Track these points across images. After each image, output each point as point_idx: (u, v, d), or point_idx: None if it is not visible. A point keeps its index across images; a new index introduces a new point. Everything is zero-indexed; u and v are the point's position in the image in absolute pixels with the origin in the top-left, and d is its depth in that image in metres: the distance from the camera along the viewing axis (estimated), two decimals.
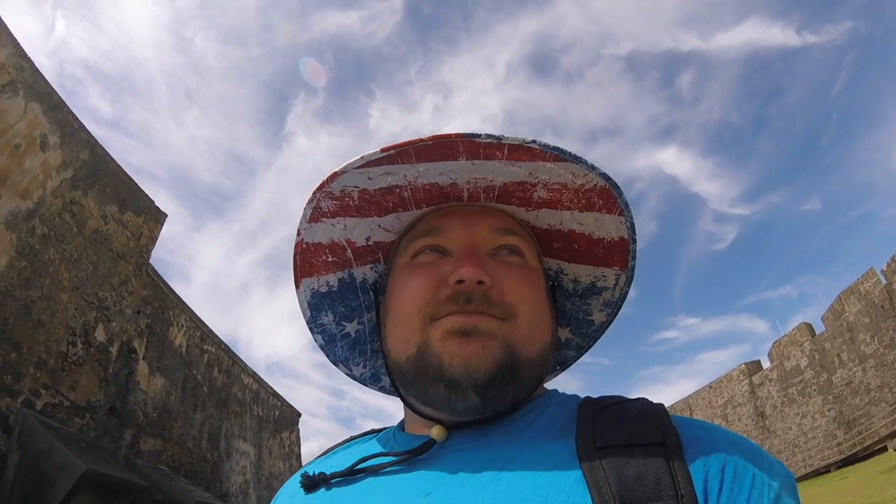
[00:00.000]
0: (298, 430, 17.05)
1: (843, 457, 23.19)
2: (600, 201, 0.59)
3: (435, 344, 0.55)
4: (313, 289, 0.70)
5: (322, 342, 0.74)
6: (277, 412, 15.62)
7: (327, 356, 0.75)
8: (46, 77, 7.22)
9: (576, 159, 0.54)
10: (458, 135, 0.52)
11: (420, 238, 0.62)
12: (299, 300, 0.71)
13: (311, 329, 0.73)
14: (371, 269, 0.70)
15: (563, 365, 0.74)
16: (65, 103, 7.63)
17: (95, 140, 8.41)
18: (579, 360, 0.76)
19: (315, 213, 0.63)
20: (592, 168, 0.55)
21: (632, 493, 0.43)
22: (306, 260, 0.68)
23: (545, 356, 0.59)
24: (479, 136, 0.52)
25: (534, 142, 0.52)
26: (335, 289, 0.70)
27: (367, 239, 0.67)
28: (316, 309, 0.72)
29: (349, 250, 0.68)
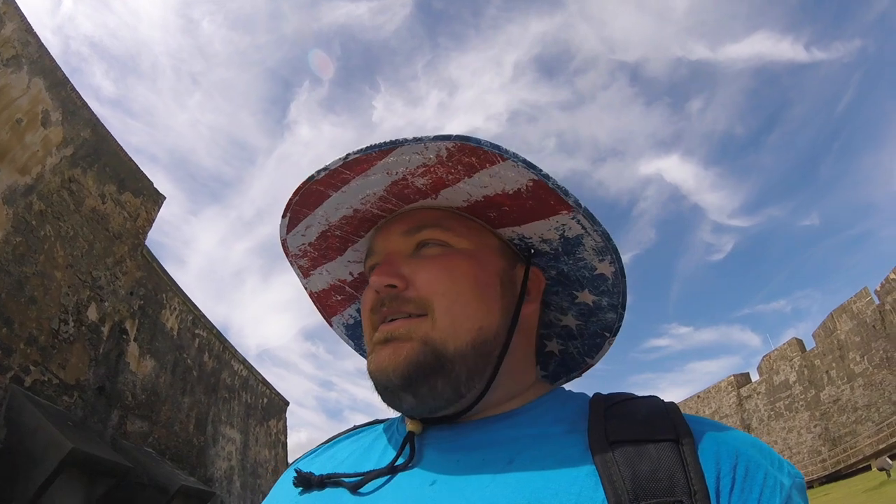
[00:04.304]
0: (286, 419, 17.06)
1: (826, 473, 23.37)
2: (472, 159, 0.55)
3: (369, 354, 0.59)
4: (343, 323, 0.79)
5: None
6: (266, 400, 15.62)
7: None
8: (51, 53, 7.18)
9: (394, 143, 0.53)
10: (304, 182, 0.59)
11: (367, 260, 0.66)
12: (339, 334, 0.79)
13: (362, 355, 0.78)
14: None
15: (611, 331, 0.70)
16: (68, 80, 7.58)
17: (97, 119, 8.37)
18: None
19: (301, 271, 0.71)
20: (419, 140, 0.53)
21: (645, 487, 0.43)
22: (324, 304, 0.76)
23: (482, 343, 0.56)
24: (313, 177, 0.58)
25: (348, 154, 0.55)
26: (358, 318, 0.77)
27: (351, 274, 0.73)
28: (355, 338, 0.79)
29: (346, 287, 0.75)
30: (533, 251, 0.65)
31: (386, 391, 0.56)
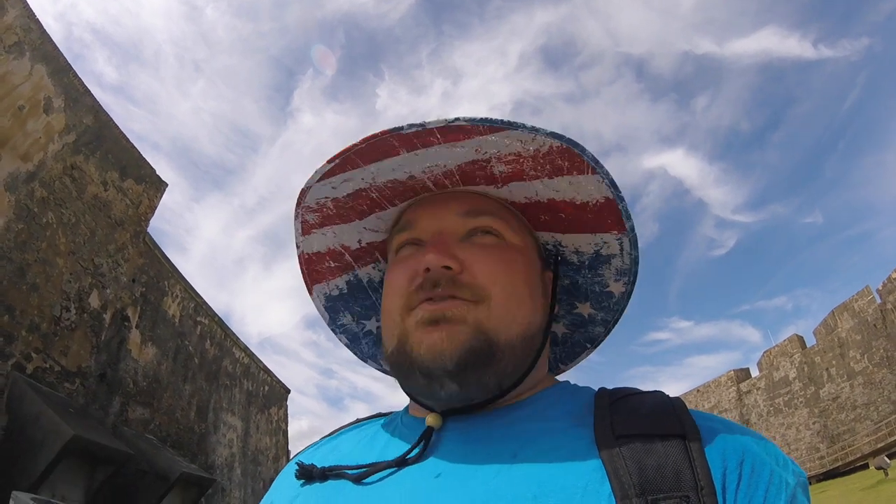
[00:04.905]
0: (287, 406, 17.17)
1: (824, 470, 23.47)
2: (566, 163, 0.55)
3: (410, 334, 0.55)
4: (325, 293, 0.74)
5: (347, 341, 0.77)
6: (267, 388, 15.71)
7: (354, 354, 0.78)
8: (54, 39, 7.14)
9: (509, 125, 0.51)
10: (383, 132, 0.52)
11: (399, 233, 0.63)
12: (316, 306, 0.74)
13: (333, 331, 0.76)
14: (373, 268, 0.72)
15: (594, 343, 0.72)
16: (71, 67, 7.55)
17: (100, 105, 8.34)
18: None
19: (304, 226, 0.66)
20: (535, 130, 0.52)
21: (651, 482, 0.43)
22: (311, 269, 0.71)
23: (529, 337, 0.57)
24: (402, 128, 0.52)
25: (457, 119, 0.51)
26: (345, 291, 0.74)
27: (359, 242, 0.69)
28: (333, 311, 0.75)
29: (346, 254, 0.70)
30: (559, 258, 0.66)
31: (429, 376, 0.53)
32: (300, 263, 0.70)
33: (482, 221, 0.59)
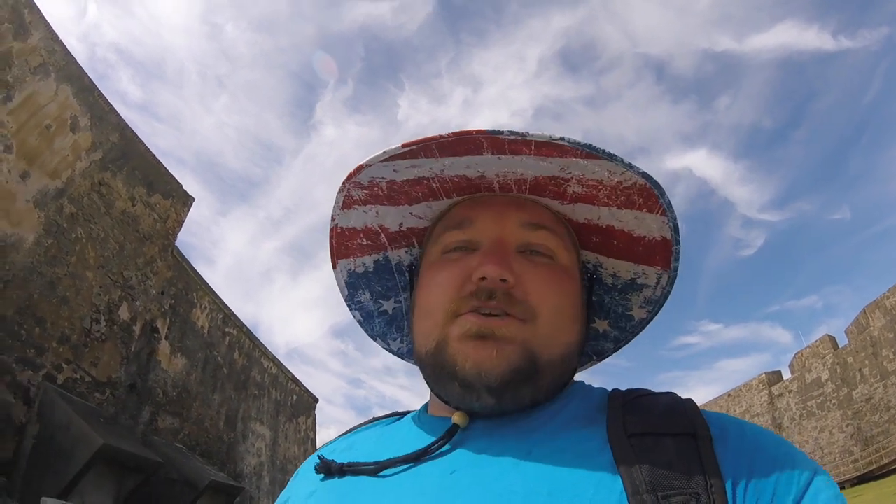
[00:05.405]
0: (315, 415, 17.31)
1: (858, 474, 22.50)
2: (640, 199, 0.57)
3: (452, 343, 0.55)
4: (349, 269, 0.73)
5: (360, 318, 0.77)
6: (295, 397, 15.87)
7: (365, 331, 0.79)
8: (78, 60, 7.40)
9: (610, 157, 0.52)
10: (479, 131, 0.51)
11: (450, 230, 0.62)
12: (337, 279, 0.74)
13: (349, 306, 0.76)
14: (406, 252, 0.72)
15: (600, 356, 0.74)
16: (95, 86, 7.81)
17: (125, 123, 8.60)
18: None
19: (347, 200, 0.64)
20: (630, 167, 0.53)
21: (663, 479, 0.43)
22: (341, 243, 0.70)
23: (568, 358, 0.58)
24: (501, 132, 0.51)
25: (562, 139, 0.51)
26: (371, 270, 0.73)
27: (400, 225, 0.68)
28: (353, 287, 0.75)
29: (383, 235, 0.70)
30: (594, 277, 0.68)
31: (469, 388, 0.53)
32: (331, 235, 0.69)
33: (540, 235, 0.60)
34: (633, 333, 0.71)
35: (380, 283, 0.74)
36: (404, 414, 0.69)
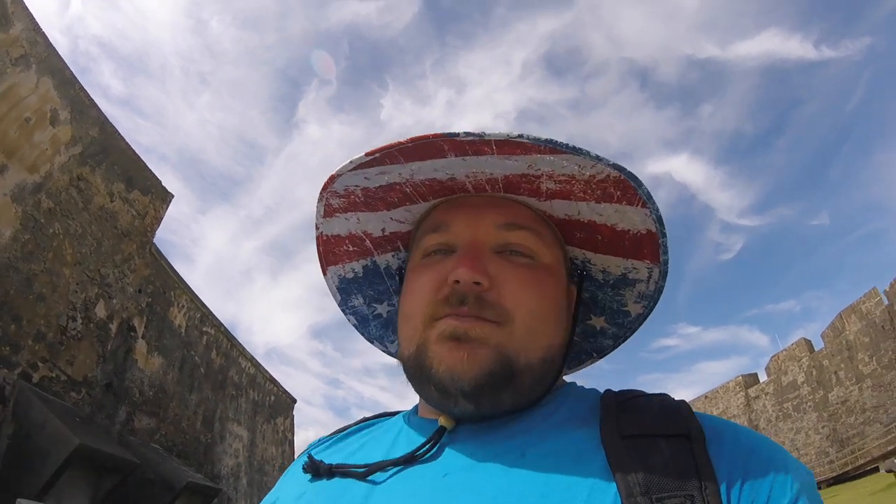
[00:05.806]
0: (293, 416, 17.15)
1: (834, 475, 23.17)
2: (618, 192, 0.55)
3: (430, 346, 0.55)
4: (340, 275, 0.74)
5: (355, 322, 0.78)
6: (273, 397, 15.71)
7: (362, 335, 0.79)
8: (60, 52, 7.25)
9: (575, 150, 0.51)
10: (435, 135, 0.51)
11: (429, 233, 0.62)
12: (328, 285, 0.74)
13: (343, 311, 0.77)
14: (393, 256, 0.72)
15: (600, 353, 0.73)
16: (77, 79, 7.66)
17: (106, 118, 8.44)
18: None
19: (327, 209, 0.65)
20: (599, 159, 0.52)
21: (657, 481, 0.43)
22: (329, 250, 0.71)
23: (549, 360, 0.57)
24: (457, 135, 0.51)
25: (521, 136, 0.50)
26: (361, 275, 0.74)
27: (383, 230, 0.69)
28: (345, 293, 0.75)
29: (367, 241, 0.70)
30: (584, 273, 0.66)
31: (444, 393, 0.53)
32: (318, 244, 0.70)
33: (518, 236, 0.59)
34: (632, 329, 0.70)
35: (371, 288, 0.75)
36: (394, 414, 0.69)
